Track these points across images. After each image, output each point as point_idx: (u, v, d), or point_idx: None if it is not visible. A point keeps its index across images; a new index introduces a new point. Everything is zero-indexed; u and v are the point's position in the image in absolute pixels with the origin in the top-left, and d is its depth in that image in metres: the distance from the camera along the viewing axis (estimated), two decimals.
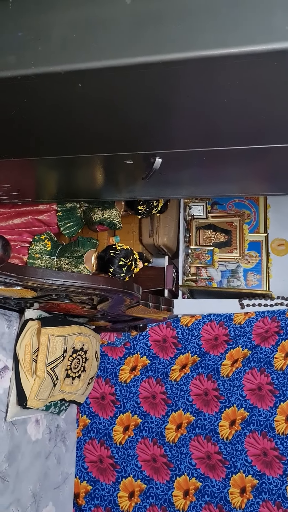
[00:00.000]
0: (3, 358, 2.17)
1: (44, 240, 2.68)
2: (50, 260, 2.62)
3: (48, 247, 2.65)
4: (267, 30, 1.03)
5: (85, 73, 1.16)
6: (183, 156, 1.64)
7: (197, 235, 3.21)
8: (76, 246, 2.62)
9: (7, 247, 1.35)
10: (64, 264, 2.58)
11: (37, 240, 2.67)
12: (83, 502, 3.01)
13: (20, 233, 2.73)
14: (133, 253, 2.58)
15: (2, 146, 1.67)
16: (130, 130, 1.49)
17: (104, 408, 3.11)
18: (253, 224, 3.20)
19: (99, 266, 2.56)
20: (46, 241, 2.67)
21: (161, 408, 3.03)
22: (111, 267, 2.46)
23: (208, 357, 2.99)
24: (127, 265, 2.49)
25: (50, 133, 1.54)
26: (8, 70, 1.19)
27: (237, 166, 1.79)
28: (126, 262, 2.48)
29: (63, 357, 2.28)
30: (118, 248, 2.52)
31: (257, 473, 2.80)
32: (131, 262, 2.53)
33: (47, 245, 2.64)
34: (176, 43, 1.08)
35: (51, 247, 2.66)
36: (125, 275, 2.51)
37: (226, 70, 1.11)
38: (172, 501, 2.91)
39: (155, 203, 2.86)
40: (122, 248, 2.53)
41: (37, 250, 2.63)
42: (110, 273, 2.48)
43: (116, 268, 2.46)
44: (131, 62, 1.12)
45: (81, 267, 2.52)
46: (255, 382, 2.89)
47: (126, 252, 2.52)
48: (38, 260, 2.61)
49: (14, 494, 2.23)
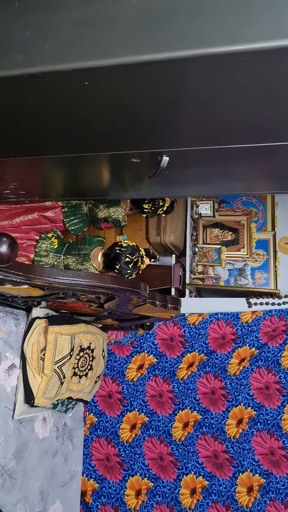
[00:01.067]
0: (10, 357, 2.18)
1: (50, 238, 2.68)
2: (56, 258, 2.62)
3: (55, 245, 2.65)
4: (277, 26, 1.01)
5: (92, 71, 1.15)
6: (190, 154, 1.64)
7: (204, 234, 3.19)
8: (82, 244, 2.62)
9: (14, 246, 1.34)
10: (70, 262, 2.59)
11: (43, 238, 2.67)
12: (90, 500, 3.02)
13: (27, 231, 2.73)
14: (139, 249, 2.58)
15: (9, 145, 1.67)
16: (137, 128, 1.49)
17: (111, 407, 3.11)
18: (261, 223, 3.18)
19: (105, 263, 2.56)
20: (53, 239, 2.67)
21: (168, 407, 3.03)
22: (117, 264, 2.46)
23: (215, 356, 2.98)
24: (133, 262, 2.48)
25: (57, 132, 1.54)
26: (15, 68, 1.19)
27: (245, 164, 1.78)
28: (132, 259, 2.48)
29: (70, 356, 2.28)
30: (124, 244, 2.52)
31: (264, 472, 2.79)
32: (137, 258, 2.52)
33: (53, 243, 2.65)
34: (184, 40, 1.07)
35: (58, 245, 2.66)
36: (132, 271, 2.50)
37: (235, 68, 1.10)
38: (179, 499, 2.91)
39: (161, 202, 2.85)
40: (128, 245, 2.52)
41: (43, 248, 2.63)
42: (117, 270, 2.47)
43: (122, 265, 2.45)
44: (139, 60, 1.11)
45: (88, 265, 2.52)
46: (263, 381, 2.88)
47: (132, 248, 2.52)
48: (45, 258, 2.61)
49: (22, 492, 2.24)
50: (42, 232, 2.76)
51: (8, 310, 2.23)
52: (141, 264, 2.59)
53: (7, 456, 2.14)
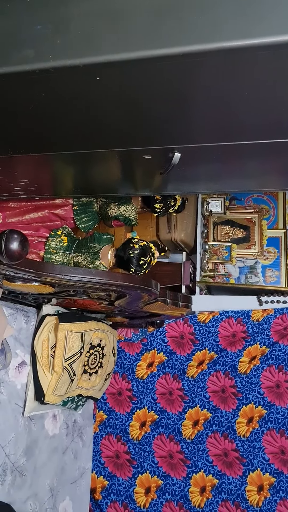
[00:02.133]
0: (21, 354, 2.18)
1: (60, 235, 2.68)
2: (66, 255, 2.62)
3: (65, 243, 2.65)
4: None
5: (104, 66, 1.14)
6: (202, 150, 1.62)
7: (215, 231, 3.17)
8: (91, 242, 2.62)
9: (25, 243, 1.34)
10: (80, 259, 2.58)
11: (53, 235, 2.67)
12: (99, 497, 3.02)
13: (37, 228, 2.73)
14: (150, 247, 2.57)
15: (19, 141, 1.66)
16: (149, 124, 1.47)
17: (121, 404, 3.11)
18: (272, 220, 3.15)
19: (118, 265, 2.56)
20: (63, 236, 2.67)
21: (178, 405, 3.02)
22: (132, 267, 2.47)
23: (225, 354, 2.97)
24: (147, 262, 2.49)
25: (68, 128, 1.53)
26: (27, 63, 1.18)
27: (257, 161, 1.76)
28: (146, 260, 2.48)
29: (81, 353, 2.28)
30: (136, 246, 2.51)
31: (274, 471, 2.77)
32: (150, 258, 2.53)
33: (63, 241, 2.64)
34: (198, 34, 1.05)
35: (68, 243, 2.66)
36: (145, 270, 2.52)
37: (248, 62, 1.08)
38: (188, 497, 2.90)
39: (172, 202, 2.83)
40: (140, 246, 2.51)
41: (53, 246, 2.63)
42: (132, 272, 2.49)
43: (136, 268, 2.48)
44: (151, 55, 1.10)
45: (97, 263, 2.52)
46: (273, 380, 2.86)
47: (144, 249, 2.51)
48: (55, 256, 2.61)
49: (32, 489, 2.24)
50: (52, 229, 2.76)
51: (18, 307, 2.23)
52: (153, 261, 2.59)
53: (18, 453, 2.14)
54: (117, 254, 2.55)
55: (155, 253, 2.58)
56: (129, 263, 2.47)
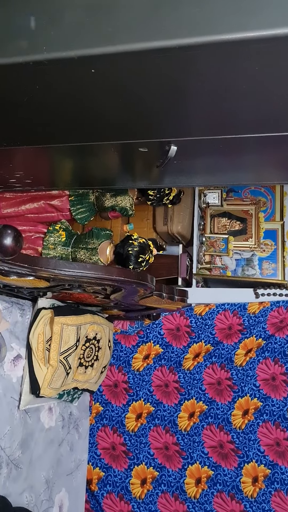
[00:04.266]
0: (16, 347, 2.17)
1: (58, 230, 2.67)
2: (64, 251, 2.61)
3: (63, 238, 2.64)
4: None
5: (99, 58, 1.12)
6: (199, 144, 1.60)
7: (212, 223, 3.16)
8: (90, 237, 2.61)
9: (19, 238, 1.32)
10: (78, 255, 2.58)
11: (51, 231, 2.66)
12: (95, 488, 3.03)
13: (35, 224, 2.72)
14: (148, 245, 2.57)
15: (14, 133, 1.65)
16: (145, 117, 1.46)
17: (117, 396, 3.11)
18: (269, 212, 3.14)
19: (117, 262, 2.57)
20: (61, 231, 2.66)
21: (173, 397, 3.03)
22: (130, 264, 2.49)
23: (221, 347, 2.97)
24: (145, 260, 2.51)
25: (63, 120, 1.51)
26: (20, 55, 1.16)
27: (254, 154, 1.74)
28: (144, 258, 2.50)
29: (76, 346, 2.27)
30: (135, 243, 2.51)
31: (269, 463, 2.79)
32: (149, 255, 2.55)
33: (61, 236, 2.64)
34: (194, 26, 1.04)
35: (66, 238, 2.65)
36: (144, 267, 2.54)
37: (246, 55, 1.07)
38: (184, 488, 2.92)
39: (166, 190, 2.81)
40: (139, 243, 2.52)
41: (51, 241, 2.62)
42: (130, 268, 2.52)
43: (135, 265, 2.49)
44: (147, 47, 1.08)
45: (96, 259, 2.52)
46: (269, 372, 2.87)
47: (143, 246, 2.53)
48: (53, 251, 2.60)
49: (28, 481, 2.25)
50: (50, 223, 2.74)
51: (13, 300, 2.22)
52: (151, 259, 2.60)
53: (13, 446, 2.14)
54: (116, 250, 2.56)
55: (153, 251, 2.58)
56: (128, 260, 2.48)
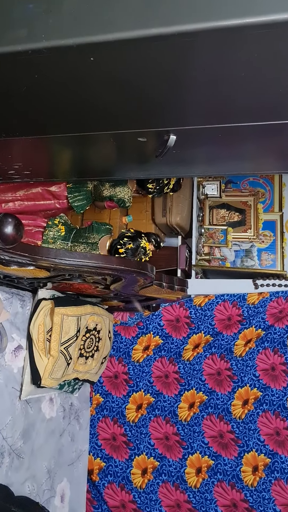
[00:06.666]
0: (17, 338, 2.18)
1: (57, 225, 2.68)
2: (64, 245, 2.63)
3: (62, 232, 2.65)
4: None
5: (97, 46, 1.12)
6: (197, 133, 1.60)
7: (211, 215, 3.16)
8: (90, 232, 2.63)
9: (19, 227, 1.33)
10: (78, 250, 2.60)
11: (51, 225, 2.67)
12: (96, 478, 3.05)
13: (34, 218, 2.72)
14: (139, 246, 2.59)
15: (12, 124, 1.64)
16: (143, 106, 1.45)
17: (117, 387, 3.13)
18: (268, 203, 3.15)
19: None
20: (60, 225, 2.67)
21: (174, 387, 3.04)
22: None
23: (221, 337, 2.98)
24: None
25: (62, 110, 1.51)
26: (19, 44, 1.16)
27: (253, 143, 1.74)
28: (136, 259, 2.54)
29: (77, 337, 2.28)
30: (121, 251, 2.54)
31: (269, 452, 2.81)
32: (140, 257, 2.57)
33: (61, 230, 2.65)
34: (193, 13, 1.03)
35: (65, 232, 2.66)
36: None
37: (245, 42, 1.07)
38: (184, 478, 2.94)
39: (165, 181, 2.81)
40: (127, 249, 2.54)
41: (51, 236, 2.63)
42: None
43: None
44: (145, 34, 1.08)
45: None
46: (269, 362, 2.88)
47: (132, 250, 2.55)
48: (53, 245, 2.62)
49: (29, 471, 2.26)
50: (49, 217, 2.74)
51: (14, 291, 2.23)
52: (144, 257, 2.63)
53: (15, 436, 2.16)
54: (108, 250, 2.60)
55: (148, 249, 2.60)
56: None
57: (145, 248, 2.61)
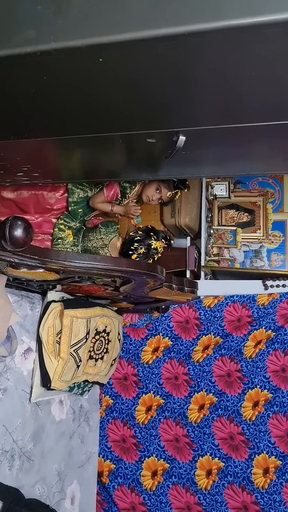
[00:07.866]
0: (26, 340, 2.18)
1: (64, 230, 2.67)
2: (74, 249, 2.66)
3: (70, 238, 2.66)
4: None
5: (106, 47, 1.11)
6: (207, 133, 1.59)
7: (220, 215, 3.14)
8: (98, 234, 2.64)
9: (29, 230, 1.32)
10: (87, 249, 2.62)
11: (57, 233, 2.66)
12: (106, 480, 3.05)
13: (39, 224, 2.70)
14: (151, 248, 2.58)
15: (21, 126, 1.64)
16: (153, 106, 1.44)
17: (126, 389, 3.12)
18: (277, 203, 3.12)
19: None
20: (66, 230, 2.67)
21: (183, 389, 3.03)
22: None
23: (231, 339, 2.96)
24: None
25: (70, 112, 1.50)
26: (28, 45, 1.15)
27: (263, 143, 1.73)
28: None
29: (86, 339, 2.28)
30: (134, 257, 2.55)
31: (280, 454, 2.78)
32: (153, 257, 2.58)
33: (68, 236, 2.65)
34: (204, 12, 1.02)
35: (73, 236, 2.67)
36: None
37: (257, 41, 1.05)
38: (194, 480, 2.93)
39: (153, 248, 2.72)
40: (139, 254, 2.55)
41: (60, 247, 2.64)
42: None
43: None
44: (155, 34, 1.07)
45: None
46: (279, 364, 2.86)
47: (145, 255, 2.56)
48: None
49: (40, 473, 2.26)
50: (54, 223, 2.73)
51: (23, 293, 2.23)
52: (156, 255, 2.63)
53: (25, 439, 2.15)
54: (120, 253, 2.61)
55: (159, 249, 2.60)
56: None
57: (156, 248, 2.60)
